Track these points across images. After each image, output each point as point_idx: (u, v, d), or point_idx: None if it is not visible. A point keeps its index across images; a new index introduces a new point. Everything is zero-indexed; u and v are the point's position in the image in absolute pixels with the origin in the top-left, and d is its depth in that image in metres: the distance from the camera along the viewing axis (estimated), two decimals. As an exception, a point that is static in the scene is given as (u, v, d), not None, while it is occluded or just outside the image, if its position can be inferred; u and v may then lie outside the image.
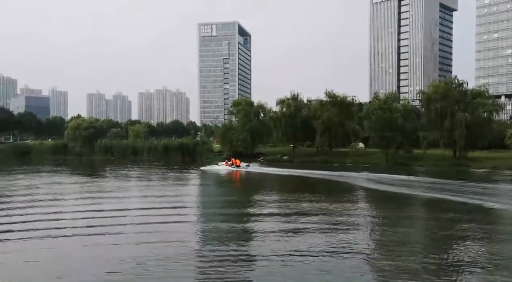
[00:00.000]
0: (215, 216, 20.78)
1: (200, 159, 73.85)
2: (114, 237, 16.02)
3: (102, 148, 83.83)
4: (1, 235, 15.91)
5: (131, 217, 20.04)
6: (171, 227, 17.98)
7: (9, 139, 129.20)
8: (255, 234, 16.41)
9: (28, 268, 12.24)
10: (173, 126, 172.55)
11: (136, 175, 46.06)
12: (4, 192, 29.68)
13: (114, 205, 24.45)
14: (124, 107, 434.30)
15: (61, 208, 22.83)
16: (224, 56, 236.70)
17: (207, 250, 13.96)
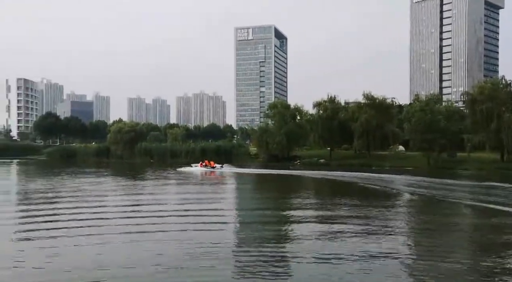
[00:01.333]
0: (251, 217, 20.80)
1: (237, 161, 74.27)
2: (154, 234, 16.50)
3: (142, 151, 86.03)
4: (59, 231, 16.70)
5: (171, 215, 20.52)
6: (208, 226, 18.14)
7: (57, 142, 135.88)
8: (293, 237, 16.25)
9: (82, 260, 12.69)
10: (210, 130, 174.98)
11: (175, 177, 46.92)
12: (54, 192, 31.09)
13: (154, 205, 25.07)
14: (163, 111, 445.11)
15: (106, 208, 23.64)
16: (260, 59, 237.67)
17: (243, 251, 13.96)
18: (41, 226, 18.02)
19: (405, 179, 42.07)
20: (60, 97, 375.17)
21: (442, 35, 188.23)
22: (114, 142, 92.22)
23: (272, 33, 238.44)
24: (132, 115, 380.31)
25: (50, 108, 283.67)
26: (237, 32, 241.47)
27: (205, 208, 24.30)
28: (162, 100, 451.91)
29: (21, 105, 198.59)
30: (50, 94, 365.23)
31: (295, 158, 74.13)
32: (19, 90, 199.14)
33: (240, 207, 26.42)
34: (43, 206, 24.21)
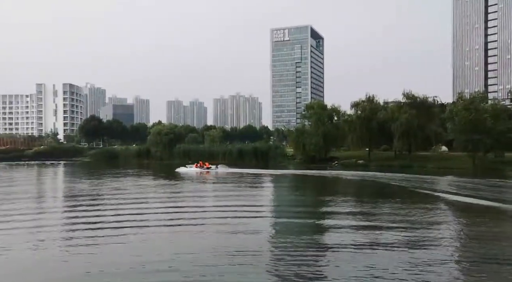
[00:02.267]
0: (288, 224, 20.58)
1: (274, 163, 74.18)
2: (194, 228, 17.36)
3: (181, 152, 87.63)
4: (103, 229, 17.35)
5: (209, 214, 20.76)
6: (245, 228, 18.19)
7: (100, 144, 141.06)
8: (329, 242, 15.96)
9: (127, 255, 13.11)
10: (246, 131, 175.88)
11: (213, 178, 47.45)
12: (99, 192, 32.31)
13: (193, 202, 25.59)
14: (200, 113, 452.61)
15: (147, 205, 24.32)
16: (296, 60, 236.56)
17: (278, 258, 13.65)
18: (85, 225, 18.85)
19: (450, 180, 40.50)
20: (103, 101, 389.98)
21: (487, 31, 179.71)
22: (154, 143, 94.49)
23: (308, 33, 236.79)
24: (170, 118, 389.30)
25: (93, 111, 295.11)
26: (273, 33, 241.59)
27: (246, 209, 24.39)
28: (200, 102, 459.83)
29: (67, 109, 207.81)
30: (94, 98, 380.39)
31: (333, 159, 73.10)
32: (65, 95, 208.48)
33: (276, 207, 26.35)
34: (86, 206, 25.21)
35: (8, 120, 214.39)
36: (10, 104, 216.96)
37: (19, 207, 24.51)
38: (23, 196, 30.83)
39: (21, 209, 23.70)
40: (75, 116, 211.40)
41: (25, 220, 20.19)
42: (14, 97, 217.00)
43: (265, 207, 25.77)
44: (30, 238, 15.88)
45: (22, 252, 14.10)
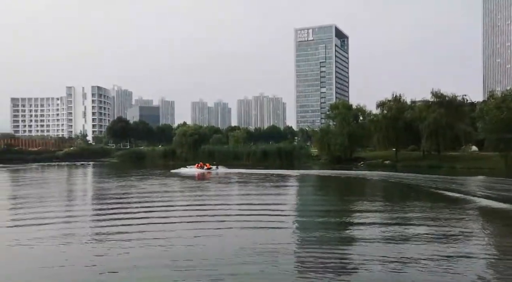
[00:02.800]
0: (312, 219, 20.53)
1: (298, 163, 73.85)
2: (218, 230, 17.36)
3: (206, 153, 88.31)
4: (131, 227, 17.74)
5: (234, 214, 20.91)
6: (269, 224, 18.22)
7: (127, 145, 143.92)
8: (356, 240, 15.77)
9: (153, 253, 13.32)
10: (270, 132, 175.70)
11: (237, 179, 47.64)
12: (126, 192, 32.99)
13: (219, 202, 25.83)
14: (224, 114, 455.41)
15: (174, 203, 24.65)
16: (320, 59, 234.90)
17: (305, 252, 13.84)
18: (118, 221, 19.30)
19: (481, 181, 39.28)
20: (129, 102, 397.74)
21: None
22: (179, 144, 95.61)
23: (332, 33, 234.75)
24: (195, 119, 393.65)
25: (120, 113, 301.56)
26: (297, 33, 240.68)
27: (268, 208, 24.39)
28: (224, 103, 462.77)
29: (96, 111, 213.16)
30: (121, 100, 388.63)
31: (358, 160, 72.20)
32: (94, 97, 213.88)
33: (300, 207, 26.23)
34: (116, 205, 25.80)
35: (40, 123, 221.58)
36: (42, 107, 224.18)
37: (55, 208, 25.28)
38: (58, 196, 31.80)
39: (56, 210, 24.43)
40: (103, 118, 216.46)
41: (57, 217, 20.86)
42: (46, 100, 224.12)
43: (288, 205, 25.74)
44: (63, 233, 16.43)
45: (56, 246, 14.65)
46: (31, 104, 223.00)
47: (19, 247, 14.99)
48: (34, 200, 28.72)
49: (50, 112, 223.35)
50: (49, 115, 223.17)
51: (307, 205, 27.48)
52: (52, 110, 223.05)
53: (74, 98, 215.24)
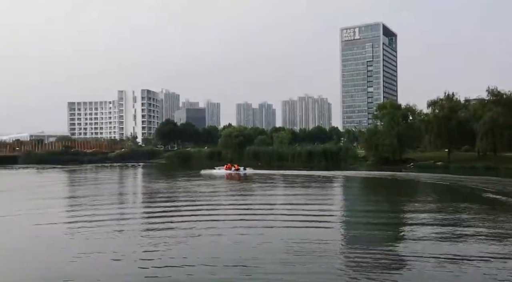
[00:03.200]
0: (358, 218, 20.07)
1: (344, 164, 72.47)
2: (262, 229, 17.47)
3: (251, 154, 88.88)
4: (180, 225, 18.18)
5: (278, 213, 20.83)
6: (315, 224, 17.97)
7: (174, 147, 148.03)
8: (406, 239, 15.21)
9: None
10: (316, 132, 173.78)
11: (282, 179, 47.50)
12: (175, 191, 33.87)
13: (263, 202, 25.79)
14: (269, 115, 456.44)
15: (220, 201, 24.97)
16: (367, 58, 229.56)
17: (351, 251, 13.60)
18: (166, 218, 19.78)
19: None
20: (177, 105, 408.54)
21: None
22: (224, 145, 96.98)
23: (380, 31, 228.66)
24: (240, 120, 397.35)
25: (168, 115, 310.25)
26: (342, 33, 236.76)
27: (315, 208, 24.06)
28: (268, 104, 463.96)
29: (145, 114, 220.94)
30: (169, 103, 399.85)
31: (408, 161, 69.70)
32: (143, 101, 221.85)
33: (350, 208, 25.67)
34: (163, 203, 26.52)
35: (94, 125, 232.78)
36: (96, 110, 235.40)
37: (108, 206, 26.41)
38: (112, 195, 33.22)
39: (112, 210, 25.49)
40: (152, 121, 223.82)
41: (111, 214, 21.76)
42: (99, 104, 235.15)
43: (335, 205, 25.26)
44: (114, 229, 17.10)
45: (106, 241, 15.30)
46: (86, 108, 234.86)
47: (76, 242, 15.82)
48: (90, 199, 30.27)
49: (103, 115, 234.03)
50: (102, 118, 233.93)
51: (354, 205, 26.93)
52: (105, 114, 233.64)
53: (125, 101, 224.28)
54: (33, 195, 32.69)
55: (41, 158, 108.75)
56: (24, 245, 15.72)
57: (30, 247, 15.43)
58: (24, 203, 27.92)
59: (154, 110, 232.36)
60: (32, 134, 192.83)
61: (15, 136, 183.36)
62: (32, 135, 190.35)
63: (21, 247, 15.42)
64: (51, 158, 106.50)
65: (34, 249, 15.12)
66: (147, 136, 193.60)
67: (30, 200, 29.83)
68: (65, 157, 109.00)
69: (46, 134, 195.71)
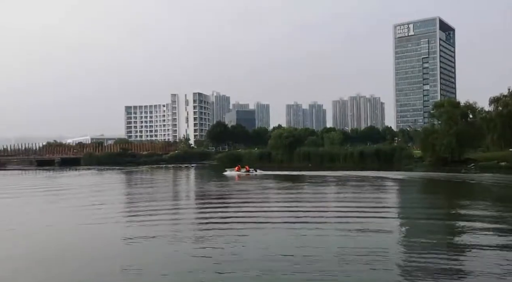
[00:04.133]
0: (416, 224, 19.03)
1: (399, 165, 69.79)
2: (317, 230, 17.48)
3: (301, 155, 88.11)
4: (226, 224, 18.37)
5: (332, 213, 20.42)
6: (370, 227, 17.29)
7: (225, 148, 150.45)
8: (467, 247, 14.16)
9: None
10: (368, 132, 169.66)
11: (334, 179, 46.59)
12: (227, 191, 34.30)
13: (314, 203, 25.48)
14: (319, 115, 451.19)
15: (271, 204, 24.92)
16: (423, 55, 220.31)
17: (409, 259, 12.88)
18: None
19: None
20: (227, 107, 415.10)
21: None
22: (274, 147, 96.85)
23: (436, 25, 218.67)
24: (290, 121, 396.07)
25: (219, 117, 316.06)
26: (396, 30, 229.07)
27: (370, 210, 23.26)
28: (318, 105, 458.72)
29: (197, 117, 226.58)
30: (219, 105, 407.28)
31: (469, 161, 65.80)
32: (195, 103, 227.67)
33: (402, 209, 24.57)
34: (215, 203, 26.86)
35: (149, 128, 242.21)
36: (151, 113, 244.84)
37: (163, 203, 27.26)
38: (167, 194, 34.32)
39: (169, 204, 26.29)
40: (204, 123, 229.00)
41: (165, 214, 22.40)
42: (154, 107, 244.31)
43: (389, 208, 24.26)
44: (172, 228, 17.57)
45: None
46: (141, 112, 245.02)
47: (131, 241, 16.38)
48: (146, 198, 31.58)
49: (157, 119, 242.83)
50: (157, 121, 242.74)
51: (410, 207, 25.63)
52: (159, 117, 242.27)
53: (177, 105, 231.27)
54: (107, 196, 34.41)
55: (101, 159, 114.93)
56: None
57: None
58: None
59: (206, 112, 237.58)
60: (93, 137, 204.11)
61: (77, 139, 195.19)
62: (93, 138, 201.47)
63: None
64: (110, 160, 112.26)
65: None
66: (199, 138, 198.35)
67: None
68: (123, 159, 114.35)
69: (105, 137, 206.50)
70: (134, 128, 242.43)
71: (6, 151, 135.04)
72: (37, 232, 18.68)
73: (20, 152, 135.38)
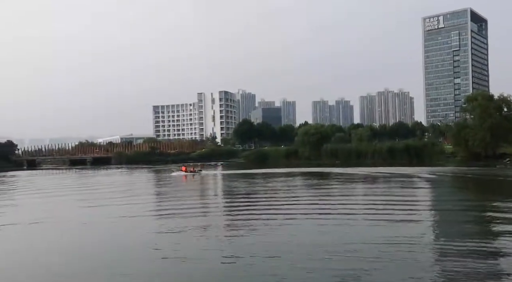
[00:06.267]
0: (450, 227, 18.28)
1: (429, 161, 67.95)
2: (345, 226, 17.48)
3: (328, 152, 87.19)
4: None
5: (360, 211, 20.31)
6: (400, 223, 16.89)
7: (252, 146, 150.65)
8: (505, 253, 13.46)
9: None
10: (397, 128, 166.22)
11: (360, 178, 45.84)
12: (254, 189, 34.36)
13: (343, 199, 25.19)
14: (346, 112, 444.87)
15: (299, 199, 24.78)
16: (453, 48, 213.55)
17: (442, 265, 12.21)
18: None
19: None
20: (253, 105, 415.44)
21: None
22: (301, 144, 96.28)
23: (467, 17, 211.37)
24: (316, 118, 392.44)
25: (245, 115, 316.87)
26: (425, 22, 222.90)
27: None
28: (345, 101, 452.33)
29: (223, 115, 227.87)
30: (245, 103, 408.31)
31: (504, 156, 63.42)
32: (221, 102, 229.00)
33: (432, 209, 23.81)
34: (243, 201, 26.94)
35: (176, 127, 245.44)
36: (178, 112, 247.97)
37: (191, 201, 27.58)
38: (196, 191, 34.65)
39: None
40: (230, 121, 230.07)
41: (194, 207, 22.63)
42: (181, 107, 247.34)
43: (417, 205, 23.57)
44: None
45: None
46: (169, 111, 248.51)
47: (160, 235, 16.93)
48: (174, 195, 32.15)
49: (184, 117, 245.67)
50: (184, 120, 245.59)
51: (440, 206, 24.77)
52: (186, 115, 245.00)
53: (204, 103, 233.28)
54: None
55: (131, 158, 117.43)
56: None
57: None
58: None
59: (232, 111, 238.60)
60: (123, 137, 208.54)
61: (108, 139, 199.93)
62: (123, 138, 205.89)
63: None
64: (139, 158, 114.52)
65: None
66: (225, 136, 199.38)
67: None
68: (151, 157, 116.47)
69: (134, 136, 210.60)
70: (162, 127, 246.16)
71: (41, 151, 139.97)
72: (85, 224, 20.38)
73: (54, 152, 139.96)
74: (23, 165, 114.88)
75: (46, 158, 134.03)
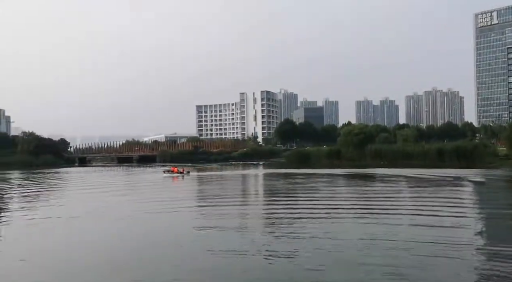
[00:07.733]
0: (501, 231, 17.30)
1: (481, 163, 64.55)
2: (388, 226, 17.57)
3: (372, 153, 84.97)
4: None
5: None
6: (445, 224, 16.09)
7: (293, 146, 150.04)
8: None
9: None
10: (445, 129, 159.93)
11: (406, 179, 44.37)
12: (296, 188, 34.18)
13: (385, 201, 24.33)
14: (391, 112, 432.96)
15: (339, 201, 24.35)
16: (508, 45, 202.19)
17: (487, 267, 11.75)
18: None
19: None
20: (295, 104, 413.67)
21: None
22: (344, 144, 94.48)
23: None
24: (359, 118, 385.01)
25: (287, 115, 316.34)
26: (477, 19, 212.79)
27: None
28: (390, 101, 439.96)
29: (265, 115, 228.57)
30: (287, 103, 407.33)
31: None
32: (263, 101, 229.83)
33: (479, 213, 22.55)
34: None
35: (218, 126, 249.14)
36: (220, 112, 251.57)
37: (232, 199, 27.86)
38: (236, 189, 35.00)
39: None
40: (271, 121, 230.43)
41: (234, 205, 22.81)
42: (223, 106, 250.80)
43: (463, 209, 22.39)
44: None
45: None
46: (211, 110, 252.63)
47: (200, 232, 17.48)
48: (218, 193, 32.61)
49: (226, 117, 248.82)
50: (226, 119, 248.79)
51: (491, 210, 23.41)
52: (228, 115, 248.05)
53: (246, 103, 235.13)
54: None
55: (175, 157, 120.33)
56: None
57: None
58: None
59: (273, 110, 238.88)
60: (167, 136, 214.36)
61: (153, 137, 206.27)
62: (167, 136, 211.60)
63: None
64: (183, 157, 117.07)
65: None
66: (267, 136, 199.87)
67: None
68: (195, 156, 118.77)
69: (178, 135, 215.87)
70: (204, 126, 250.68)
71: (91, 148, 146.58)
72: (137, 219, 21.61)
73: (102, 150, 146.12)
74: (74, 162, 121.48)
75: (96, 155, 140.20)
